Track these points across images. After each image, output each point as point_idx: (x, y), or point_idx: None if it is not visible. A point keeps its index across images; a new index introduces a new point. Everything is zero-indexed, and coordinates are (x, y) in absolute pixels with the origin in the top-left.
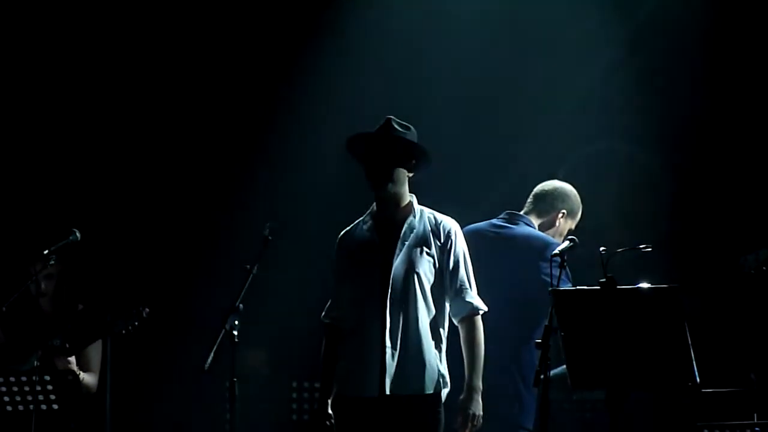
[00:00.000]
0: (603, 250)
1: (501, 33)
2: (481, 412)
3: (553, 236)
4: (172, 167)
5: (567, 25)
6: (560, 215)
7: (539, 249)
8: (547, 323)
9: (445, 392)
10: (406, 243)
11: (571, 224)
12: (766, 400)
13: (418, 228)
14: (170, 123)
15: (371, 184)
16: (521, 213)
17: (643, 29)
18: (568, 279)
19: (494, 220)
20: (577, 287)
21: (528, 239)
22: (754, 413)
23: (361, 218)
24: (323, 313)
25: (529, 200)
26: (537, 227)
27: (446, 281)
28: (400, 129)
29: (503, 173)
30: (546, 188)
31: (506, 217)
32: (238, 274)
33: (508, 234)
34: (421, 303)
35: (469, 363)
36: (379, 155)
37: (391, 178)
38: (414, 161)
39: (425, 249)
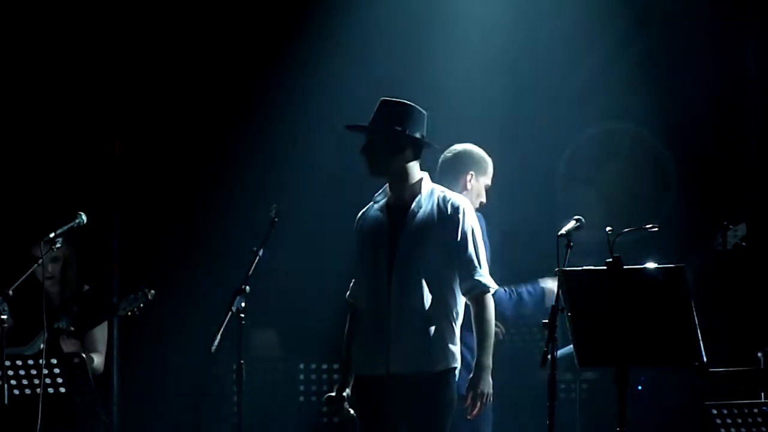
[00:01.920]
0: (609, 230)
1: (504, 16)
2: (491, 390)
3: (471, 200)
4: (176, 149)
5: (571, 6)
6: (469, 177)
7: None
8: (554, 303)
9: (457, 368)
10: (413, 223)
11: (486, 181)
12: None
13: (426, 207)
14: (174, 106)
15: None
16: None
17: (647, 10)
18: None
19: None
20: (584, 267)
21: None
22: (761, 392)
23: (375, 198)
24: (348, 293)
25: (436, 174)
26: None
27: (455, 260)
28: (392, 113)
29: (507, 156)
30: (447, 155)
31: None
32: (245, 256)
33: None
34: (426, 282)
35: (478, 342)
36: (369, 147)
37: (385, 168)
38: (409, 145)
39: (432, 228)
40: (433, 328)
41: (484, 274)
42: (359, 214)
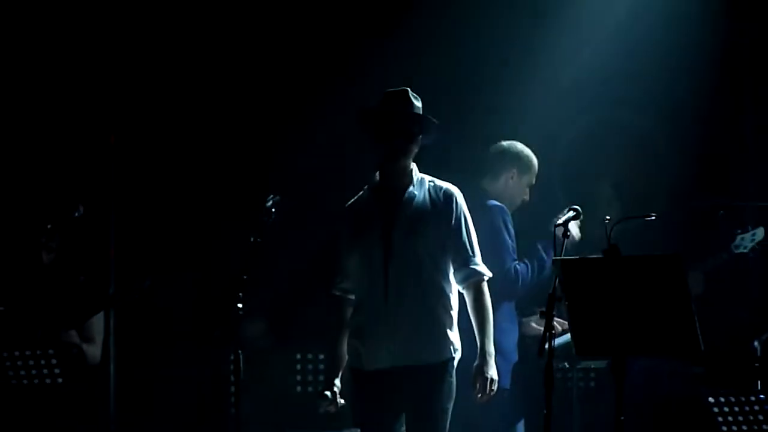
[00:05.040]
0: (607, 219)
1: (499, 3)
2: (497, 377)
3: (511, 197)
4: (176, 139)
5: None
6: (510, 175)
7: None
8: (550, 292)
9: (456, 358)
10: (406, 213)
11: (529, 180)
12: None
13: (419, 197)
14: (171, 95)
15: (388, 157)
16: (477, 182)
17: None
18: (511, 243)
19: None
20: (581, 256)
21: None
22: (757, 381)
23: (363, 189)
24: (333, 287)
25: (482, 167)
26: (492, 191)
27: (449, 249)
28: (417, 104)
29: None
30: (492, 152)
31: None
32: (242, 246)
33: None
34: (424, 272)
35: (479, 329)
36: (401, 132)
37: (408, 154)
38: (422, 135)
39: (425, 218)
40: (433, 318)
41: (478, 262)
42: (346, 206)
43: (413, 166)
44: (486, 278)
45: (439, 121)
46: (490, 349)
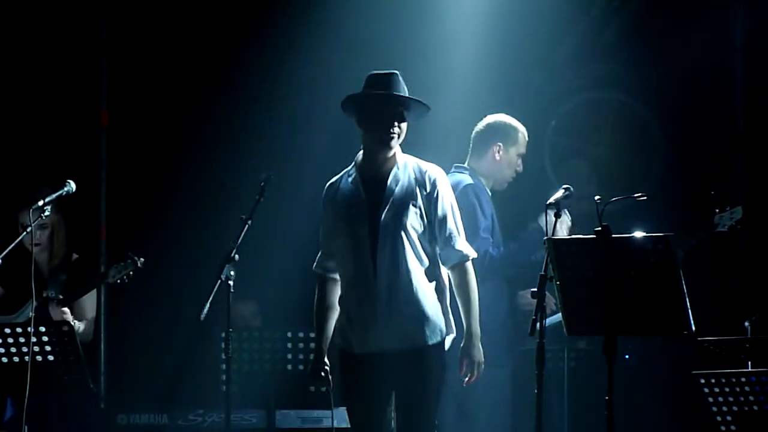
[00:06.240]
0: (598, 199)
1: None
2: (483, 358)
3: (502, 170)
4: (165, 115)
5: None
6: (496, 149)
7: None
8: (542, 272)
9: (450, 338)
10: (392, 195)
11: (517, 150)
12: (760, 349)
13: (403, 180)
14: (163, 72)
15: (381, 144)
16: (465, 162)
17: None
18: (486, 222)
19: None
20: (573, 236)
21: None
22: (748, 361)
23: (346, 169)
24: (314, 264)
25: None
26: (481, 169)
27: (435, 230)
28: (404, 87)
29: None
30: (477, 128)
31: (453, 171)
32: (234, 224)
33: None
34: (412, 255)
35: (465, 310)
36: (395, 116)
37: (400, 139)
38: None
39: (411, 201)
40: (423, 301)
41: (463, 243)
42: (327, 186)
43: (397, 147)
44: (470, 258)
45: (426, 97)
46: (476, 330)
